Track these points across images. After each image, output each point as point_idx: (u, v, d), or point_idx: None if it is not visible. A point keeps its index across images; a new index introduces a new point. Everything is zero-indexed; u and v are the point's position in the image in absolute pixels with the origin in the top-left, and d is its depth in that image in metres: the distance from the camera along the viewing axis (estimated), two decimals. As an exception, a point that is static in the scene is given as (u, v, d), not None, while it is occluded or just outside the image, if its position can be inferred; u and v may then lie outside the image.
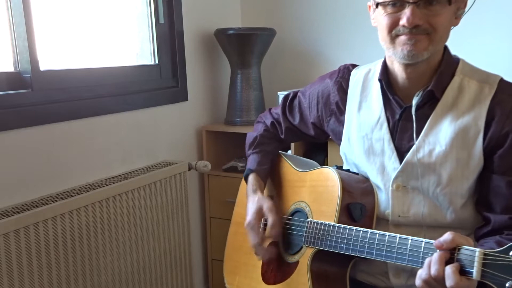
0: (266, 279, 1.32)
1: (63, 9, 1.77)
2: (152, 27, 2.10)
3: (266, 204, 1.28)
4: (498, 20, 2.04)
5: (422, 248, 0.97)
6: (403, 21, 1.05)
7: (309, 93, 1.38)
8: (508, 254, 0.85)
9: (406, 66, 1.11)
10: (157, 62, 2.12)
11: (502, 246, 0.89)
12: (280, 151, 1.49)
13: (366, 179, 1.22)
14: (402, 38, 1.07)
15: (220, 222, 2.32)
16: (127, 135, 1.93)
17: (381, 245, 1.03)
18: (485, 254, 0.87)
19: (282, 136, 1.46)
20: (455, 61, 1.15)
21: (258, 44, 2.24)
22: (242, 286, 1.41)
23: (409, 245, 0.99)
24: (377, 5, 1.10)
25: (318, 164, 1.41)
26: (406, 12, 1.04)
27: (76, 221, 1.56)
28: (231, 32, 2.20)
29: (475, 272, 0.87)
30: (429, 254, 0.94)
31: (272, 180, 1.43)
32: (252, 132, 1.51)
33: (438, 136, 1.10)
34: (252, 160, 1.43)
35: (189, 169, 2.08)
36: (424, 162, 1.11)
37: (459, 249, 0.90)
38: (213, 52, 2.39)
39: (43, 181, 1.61)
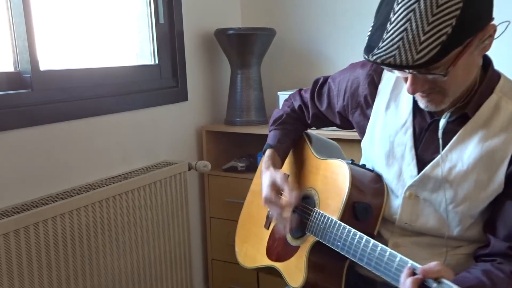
0: (269, 254, 1.34)
1: (63, 9, 1.77)
2: (152, 27, 2.10)
3: (279, 176, 1.26)
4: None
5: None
6: (407, 87, 0.98)
7: (339, 80, 1.32)
8: None
9: None
10: (157, 62, 2.12)
11: (488, 277, 0.93)
12: (305, 131, 1.46)
13: (380, 179, 1.18)
14: (418, 93, 1.02)
15: (220, 222, 2.32)
16: (127, 135, 1.93)
17: (371, 255, 1.02)
18: None
19: (309, 121, 1.43)
20: (496, 77, 1.07)
21: (258, 44, 2.24)
22: (248, 255, 1.42)
23: (395, 263, 0.97)
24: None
25: (339, 148, 1.38)
26: (408, 79, 0.97)
27: (76, 221, 1.56)
28: (231, 32, 2.20)
29: None
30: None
31: (291, 160, 1.41)
32: (279, 110, 1.48)
33: (462, 154, 1.05)
34: (272, 136, 1.41)
35: (189, 169, 2.08)
36: (442, 177, 1.06)
37: (440, 282, 0.88)
38: (213, 52, 2.39)
39: (43, 181, 1.61)
